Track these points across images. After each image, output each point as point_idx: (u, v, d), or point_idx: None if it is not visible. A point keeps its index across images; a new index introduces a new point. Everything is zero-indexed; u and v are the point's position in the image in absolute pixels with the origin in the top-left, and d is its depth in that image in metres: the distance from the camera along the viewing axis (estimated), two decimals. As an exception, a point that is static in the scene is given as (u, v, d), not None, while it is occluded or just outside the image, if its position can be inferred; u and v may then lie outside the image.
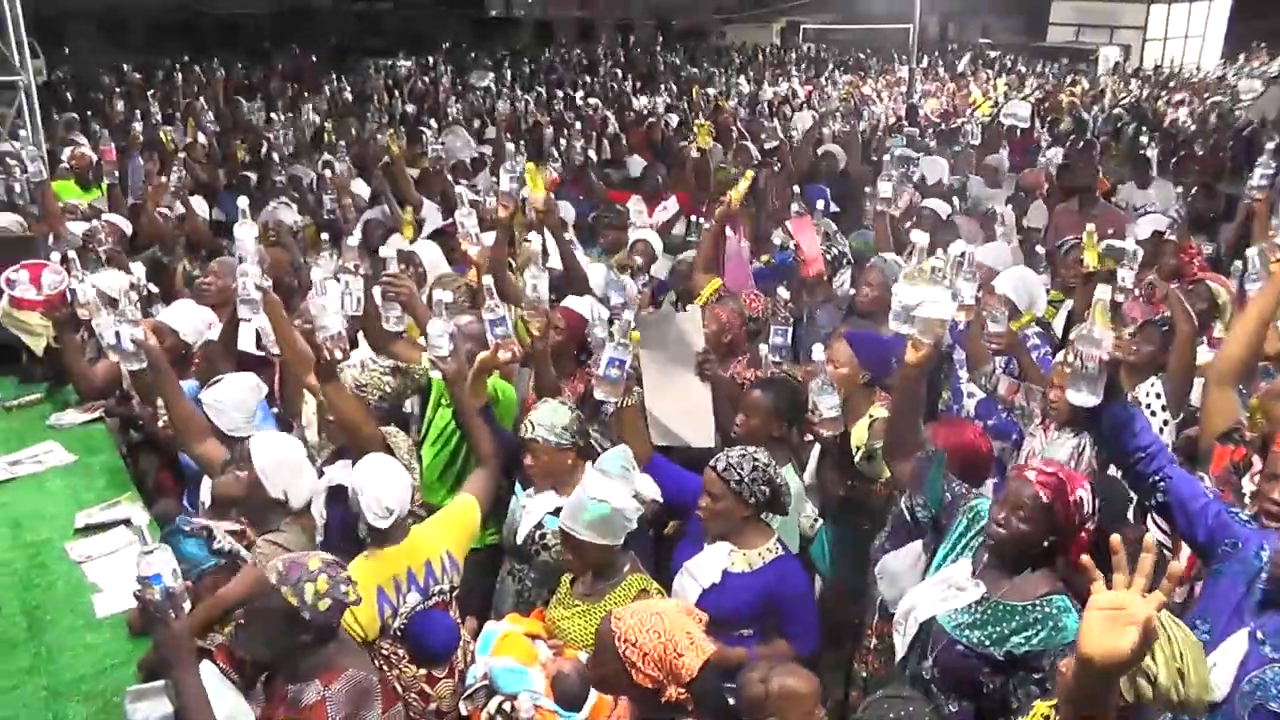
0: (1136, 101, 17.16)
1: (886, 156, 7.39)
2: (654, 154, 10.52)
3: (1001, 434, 4.29)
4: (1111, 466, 3.53)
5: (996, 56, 24.59)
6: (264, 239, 5.28)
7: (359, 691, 2.65)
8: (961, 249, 3.53)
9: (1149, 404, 4.30)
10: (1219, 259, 6.57)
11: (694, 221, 7.53)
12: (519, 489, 3.87)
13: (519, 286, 4.58)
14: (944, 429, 3.66)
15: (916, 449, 3.28)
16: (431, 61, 19.41)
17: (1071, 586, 2.91)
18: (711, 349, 4.46)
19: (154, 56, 17.09)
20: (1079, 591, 2.94)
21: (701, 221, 7.03)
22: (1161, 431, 4.22)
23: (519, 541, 3.75)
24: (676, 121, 12.20)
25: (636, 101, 14.52)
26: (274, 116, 11.67)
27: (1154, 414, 4.26)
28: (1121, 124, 13.80)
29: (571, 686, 2.97)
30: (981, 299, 4.21)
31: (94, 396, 5.04)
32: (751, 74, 19.47)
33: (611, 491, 3.17)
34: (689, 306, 4.99)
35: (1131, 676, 1.99)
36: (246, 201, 4.58)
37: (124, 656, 3.34)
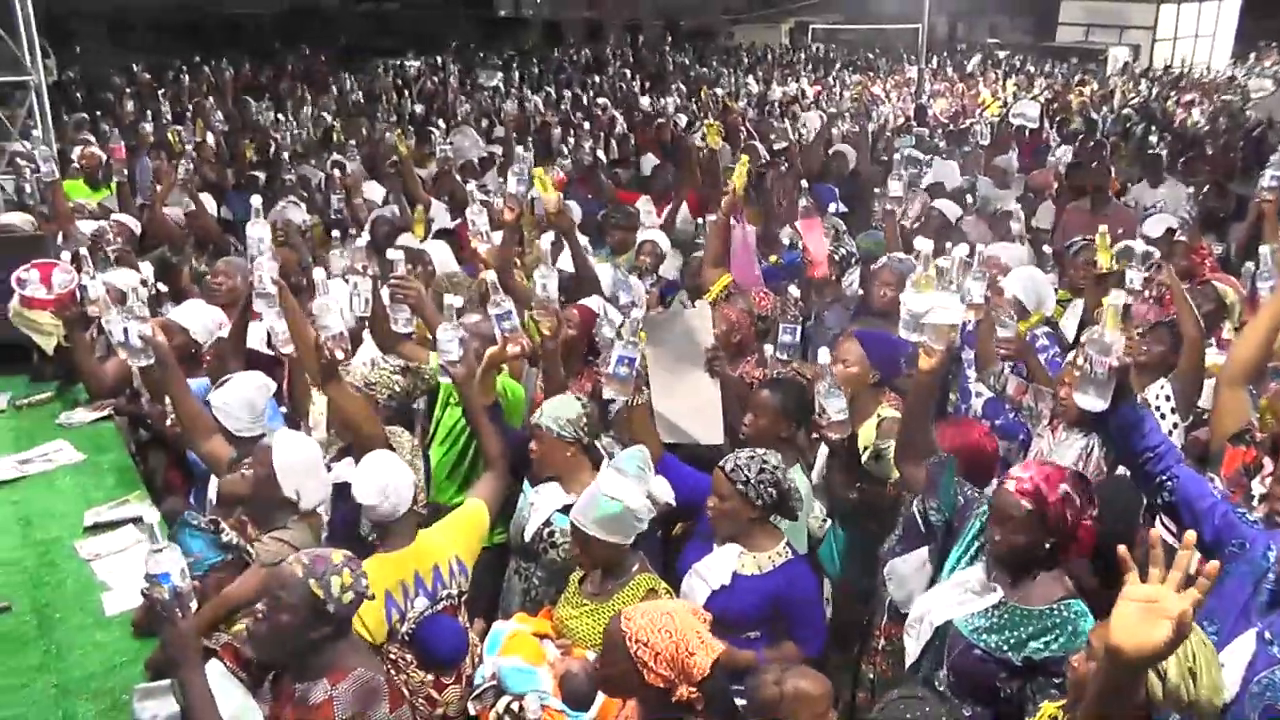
0: (1145, 101, 17.10)
1: (896, 156, 7.39)
2: (663, 154, 10.52)
3: (1008, 434, 4.28)
4: (1121, 466, 3.53)
5: (1005, 56, 24.52)
6: (272, 238, 5.29)
7: (366, 691, 2.65)
8: (966, 250, 3.52)
9: (1158, 406, 4.28)
10: (1229, 259, 6.55)
11: (700, 224, 7.52)
12: (527, 487, 3.87)
13: (527, 287, 4.58)
14: (950, 429, 3.65)
15: (929, 453, 3.27)
16: (440, 61, 19.43)
17: (1077, 583, 2.90)
18: (721, 349, 4.46)
19: (162, 57, 17.11)
20: (1084, 588, 2.94)
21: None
22: (1171, 434, 4.21)
23: (526, 540, 3.74)
24: (685, 122, 12.19)
25: (643, 101, 14.50)
26: (280, 117, 11.70)
27: (1163, 416, 4.25)
28: (1130, 124, 13.76)
29: (580, 686, 2.97)
30: (990, 299, 4.20)
31: (103, 395, 5.05)
32: (760, 74, 19.44)
33: (625, 490, 3.16)
34: (698, 302, 4.98)
35: None
36: (260, 200, 4.61)
37: (132, 655, 3.34)
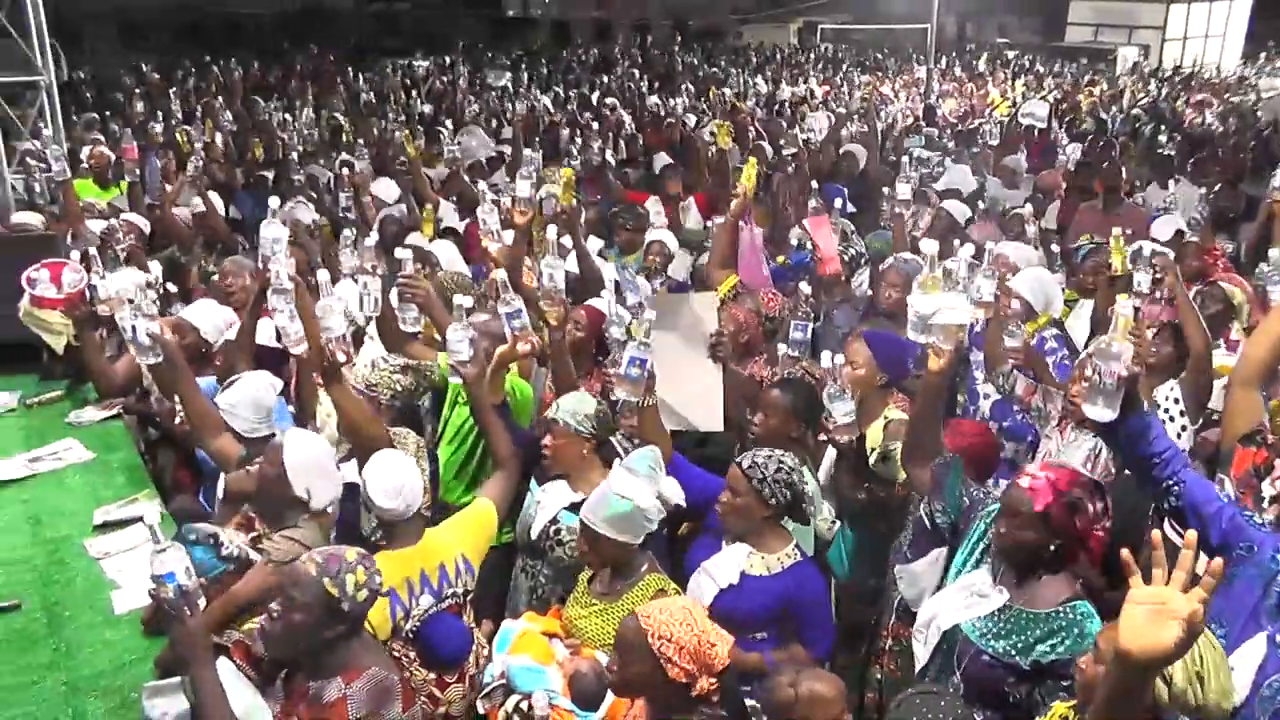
0: (1155, 101, 17.03)
1: (905, 157, 7.37)
2: (672, 154, 10.52)
3: (1017, 435, 4.27)
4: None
5: (1014, 56, 24.45)
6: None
7: (380, 690, 2.64)
8: (971, 250, 3.51)
9: (1167, 409, 4.27)
10: (1239, 259, 6.53)
11: (709, 225, 7.51)
12: (534, 485, 3.87)
13: (534, 289, 4.58)
14: (948, 430, 3.65)
15: (936, 455, 3.27)
16: (449, 61, 19.44)
17: (1087, 588, 2.89)
18: (725, 337, 4.45)
19: (172, 57, 17.14)
20: (1094, 592, 2.93)
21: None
22: (1179, 437, 4.20)
23: (533, 537, 3.75)
24: (694, 122, 12.19)
25: (652, 99, 14.48)
26: (287, 117, 11.71)
27: (1172, 419, 4.24)
28: (1139, 124, 13.71)
29: (589, 685, 2.97)
30: (1000, 298, 4.18)
31: (113, 394, 5.07)
32: (769, 74, 19.42)
33: (636, 489, 3.16)
34: (704, 291, 4.96)
35: None
36: (277, 201, 4.64)
37: (142, 653, 3.35)
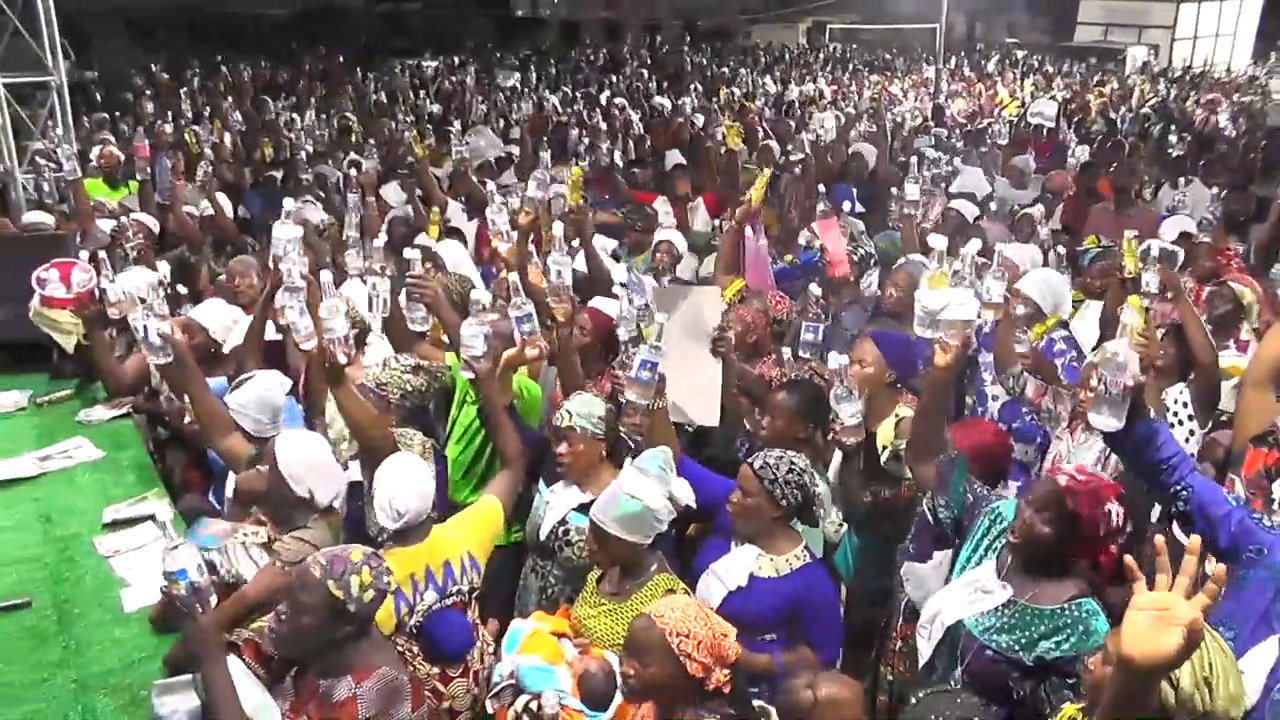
0: (1164, 101, 16.97)
1: (914, 158, 7.36)
2: (681, 154, 10.51)
3: (1026, 437, 4.27)
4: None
5: (1024, 56, 24.39)
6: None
7: (390, 690, 2.65)
8: (978, 245, 3.50)
9: (1175, 411, 4.26)
10: (1248, 260, 6.52)
11: (716, 226, 7.51)
12: (542, 485, 3.88)
13: (542, 287, 4.58)
14: (960, 429, 3.65)
15: (940, 452, 3.26)
16: (457, 61, 19.45)
17: (1096, 592, 2.88)
18: (737, 350, 4.44)
19: (180, 56, 17.16)
20: (1095, 588, 2.92)
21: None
22: (1189, 440, 4.19)
23: (542, 538, 3.75)
24: (702, 122, 12.19)
25: (658, 99, 14.47)
26: (295, 117, 11.74)
27: (1181, 422, 4.23)
28: (1149, 124, 13.66)
29: (598, 685, 2.97)
30: (1010, 300, 4.18)
31: (122, 393, 5.08)
32: (778, 74, 19.40)
33: (647, 490, 3.17)
34: (708, 286, 4.94)
35: None
36: (292, 202, 4.67)
37: (151, 650, 3.36)
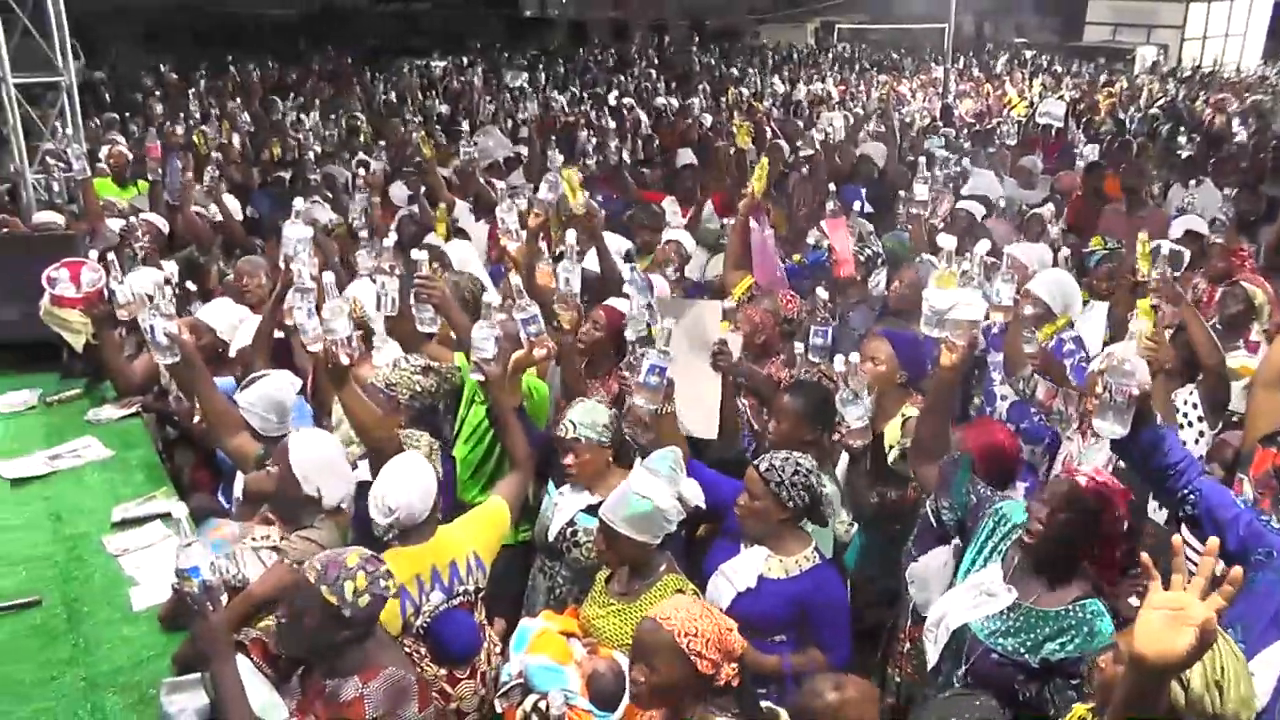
0: (1172, 101, 16.89)
1: (923, 158, 7.34)
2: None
3: (1034, 438, 4.26)
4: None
5: (1032, 56, 24.32)
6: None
7: (397, 690, 2.66)
8: (987, 246, 3.49)
9: (1185, 413, 4.25)
10: (1258, 260, 6.50)
11: (724, 225, 7.50)
12: (551, 486, 3.88)
13: (549, 289, 4.59)
14: (972, 430, 3.64)
15: (944, 453, 3.26)
16: (465, 61, 19.47)
17: (1099, 593, 2.88)
18: (746, 350, 4.44)
19: (189, 58, 17.20)
20: (1105, 599, 2.91)
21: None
22: (1199, 441, 4.18)
23: (550, 538, 3.76)
24: (710, 122, 12.17)
25: (661, 100, 14.45)
26: (302, 117, 11.76)
27: (1191, 423, 4.22)
28: (1157, 124, 13.62)
29: (607, 685, 2.97)
30: (1018, 301, 4.17)
31: (131, 392, 5.10)
32: (786, 74, 19.37)
33: (656, 490, 3.17)
34: (709, 301, 4.94)
35: None
36: (301, 202, 4.68)
37: (160, 649, 3.37)
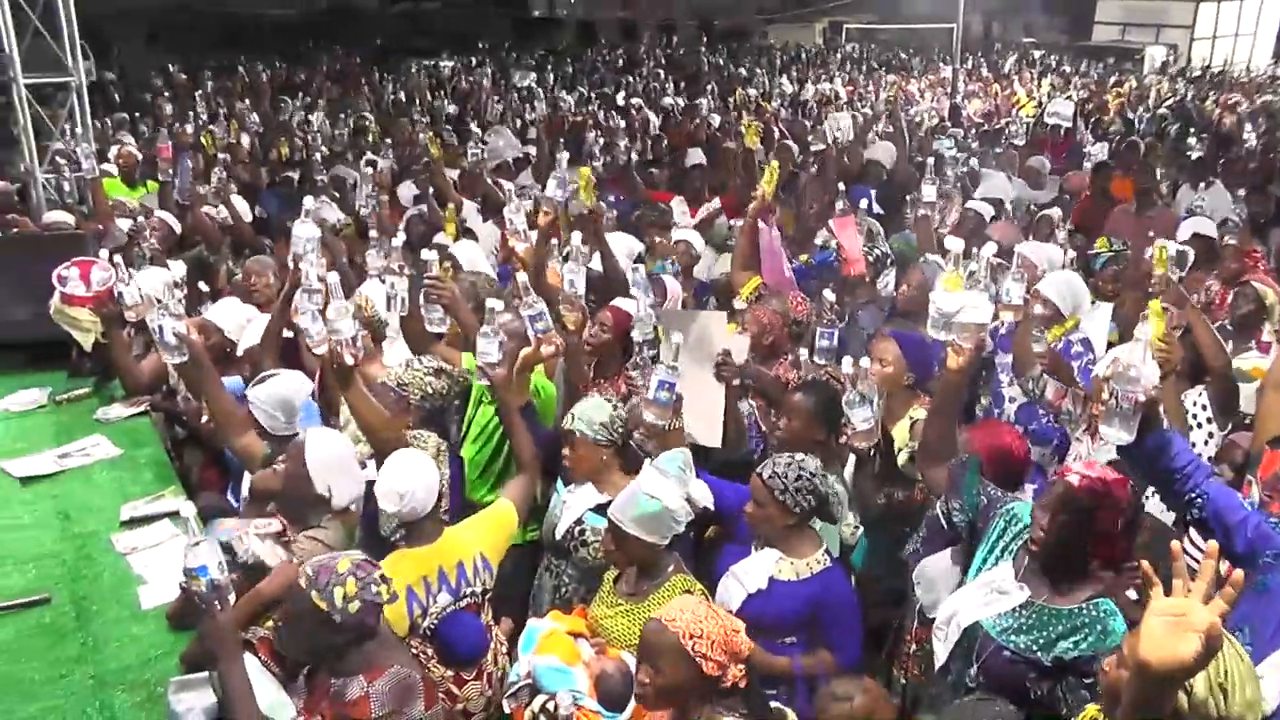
0: (1181, 101, 16.83)
1: (931, 158, 7.33)
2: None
3: (1042, 439, 4.24)
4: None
5: (1041, 56, 24.26)
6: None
7: (403, 688, 2.66)
8: (994, 248, 3.49)
9: (1195, 414, 4.24)
10: (1268, 262, 6.47)
11: (733, 225, 7.49)
12: (560, 485, 3.88)
13: (558, 288, 4.59)
14: (980, 431, 3.63)
15: (951, 455, 3.25)
16: (474, 61, 19.47)
17: (1112, 592, 2.87)
18: (753, 351, 4.43)
19: (197, 57, 17.23)
20: (1116, 597, 2.90)
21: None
22: (1208, 443, 4.17)
23: (558, 537, 3.76)
24: (718, 122, 12.16)
25: (669, 100, 14.45)
26: (310, 118, 11.78)
27: (1200, 425, 4.20)
28: (1165, 124, 13.57)
29: (615, 686, 2.97)
30: (1029, 302, 4.16)
31: (140, 391, 5.11)
32: (794, 74, 19.35)
33: (665, 490, 3.18)
34: (714, 311, 4.96)
35: None
36: (311, 201, 4.70)
37: (168, 648, 3.38)
